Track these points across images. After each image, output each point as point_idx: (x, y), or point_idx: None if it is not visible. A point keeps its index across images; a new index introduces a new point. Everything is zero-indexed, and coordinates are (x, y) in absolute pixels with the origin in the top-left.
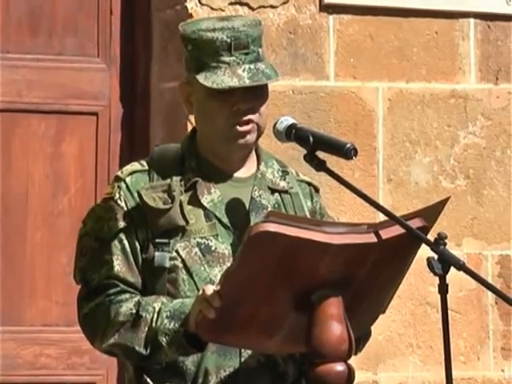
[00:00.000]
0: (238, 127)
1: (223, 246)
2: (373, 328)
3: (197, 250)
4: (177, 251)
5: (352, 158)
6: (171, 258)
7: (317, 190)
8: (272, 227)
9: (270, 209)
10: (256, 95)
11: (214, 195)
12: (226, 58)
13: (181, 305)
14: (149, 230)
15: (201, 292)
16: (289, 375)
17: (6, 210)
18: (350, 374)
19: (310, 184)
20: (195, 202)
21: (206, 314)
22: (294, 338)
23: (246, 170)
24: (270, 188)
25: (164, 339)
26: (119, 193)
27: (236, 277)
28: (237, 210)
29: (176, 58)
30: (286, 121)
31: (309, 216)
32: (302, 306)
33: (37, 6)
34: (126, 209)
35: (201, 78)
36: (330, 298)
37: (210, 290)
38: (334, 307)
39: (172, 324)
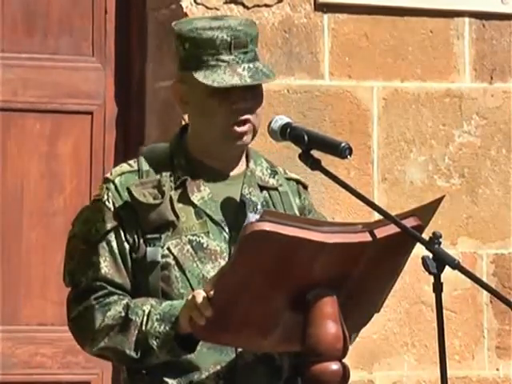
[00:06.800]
0: (236, 128)
1: (215, 242)
2: (367, 327)
3: (188, 247)
4: (168, 249)
5: (347, 157)
6: (163, 256)
7: (305, 187)
8: (267, 226)
9: (259, 206)
10: (254, 95)
11: (203, 193)
12: (226, 57)
13: (170, 307)
14: (139, 228)
15: (190, 297)
16: (284, 370)
17: (1, 210)
18: (345, 372)
19: (298, 182)
20: (185, 199)
21: (196, 322)
22: (290, 337)
23: (236, 168)
24: (259, 185)
25: (155, 342)
26: (107, 194)
27: (231, 276)
28: (227, 207)
29: (171, 57)
30: (281, 120)
31: (298, 213)
32: (297, 305)
33: (32, 5)
34: (114, 210)
35: (200, 76)
36: (324, 297)
37: (200, 297)
38: (329, 306)
39: (162, 327)
